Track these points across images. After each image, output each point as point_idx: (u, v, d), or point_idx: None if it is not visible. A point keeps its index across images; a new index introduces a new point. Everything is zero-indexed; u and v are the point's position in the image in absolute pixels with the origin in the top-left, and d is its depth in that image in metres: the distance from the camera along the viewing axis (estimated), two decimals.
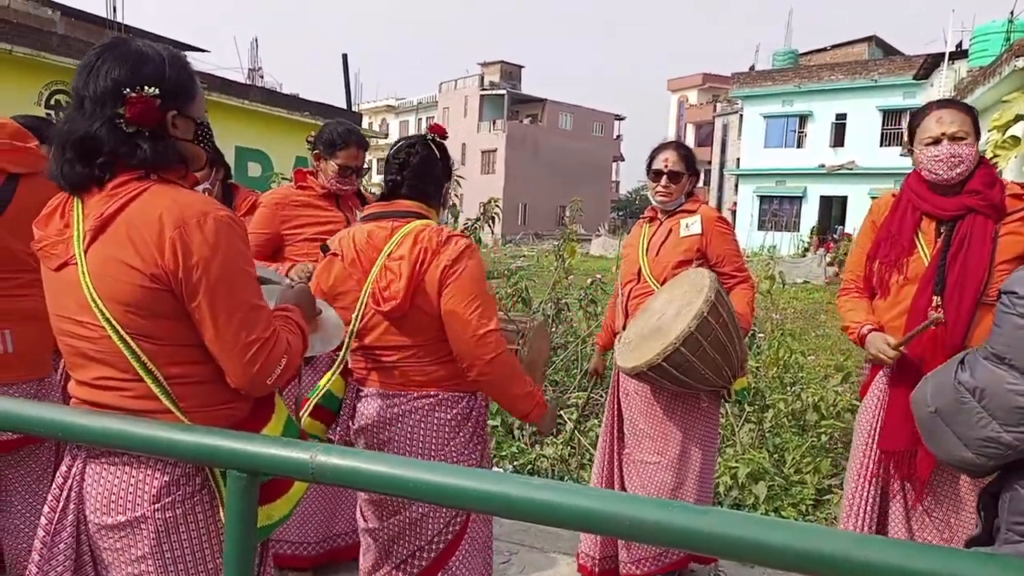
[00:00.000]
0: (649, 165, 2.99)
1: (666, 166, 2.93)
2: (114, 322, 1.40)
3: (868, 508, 2.42)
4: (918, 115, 2.37)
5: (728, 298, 2.64)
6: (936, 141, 2.28)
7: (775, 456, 4.73)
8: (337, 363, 2.14)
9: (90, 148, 1.42)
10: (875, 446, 2.41)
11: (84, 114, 1.42)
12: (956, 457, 1.03)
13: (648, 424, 2.88)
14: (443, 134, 2.23)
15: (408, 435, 2.08)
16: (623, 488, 2.98)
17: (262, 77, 20.05)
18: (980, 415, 1.00)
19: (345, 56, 18.36)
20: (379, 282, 2.00)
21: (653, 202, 3.02)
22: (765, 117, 32.04)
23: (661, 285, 2.86)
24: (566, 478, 4.55)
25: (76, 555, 1.47)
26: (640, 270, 2.95)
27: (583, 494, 1.01)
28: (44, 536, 1.46)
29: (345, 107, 17.82)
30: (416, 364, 2.05)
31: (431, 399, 2.07)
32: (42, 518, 1.48)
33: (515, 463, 4.65)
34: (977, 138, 2.28)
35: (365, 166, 3.10)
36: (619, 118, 55.36)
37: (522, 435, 5.15)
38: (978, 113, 2.53)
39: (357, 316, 2.04)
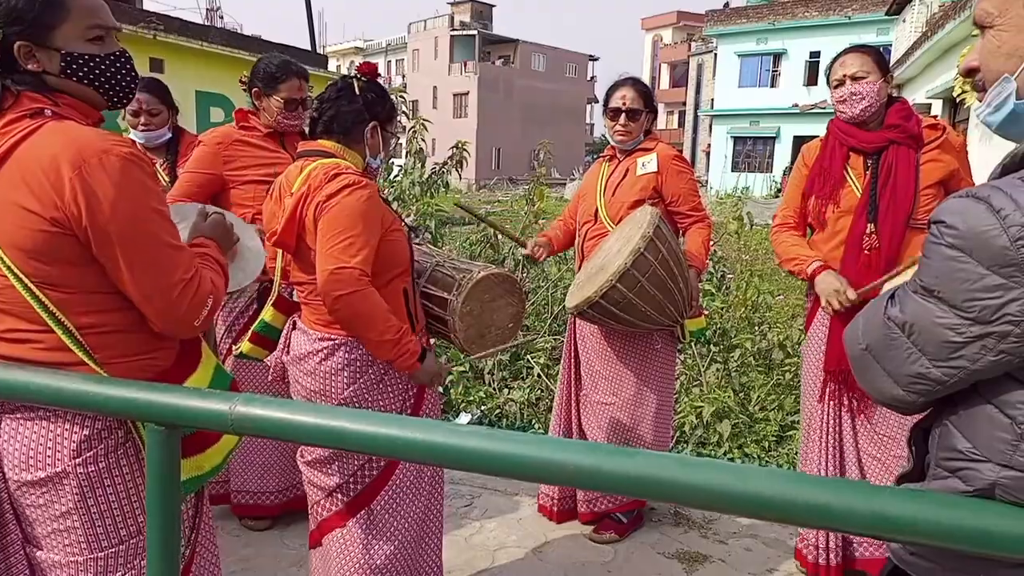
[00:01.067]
0: (606, 103, 2.91)
1: (624, 104, 2.85)
2: (16, 270, 1.32)
3: (826, 427, 2.59)
4: (830, 64, 2.56)
5: (670, 234, 2.60)
6: (840, 83, 2.48)
7: (741, 395, 4.79)
8: (272, 294, 2.21)
9: None
10: (823, 369, 2.57)
11: None
12: (888, 395, 1.02)
13: (603, 365, 2.88)
14: (369, 73, 2.17)
15: (310, 375, 2.11)
16: (581, 430, 2.99)
17: (221, 18, 19.35)
18: (909, 351, 0.98)
19: None
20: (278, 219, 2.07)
21: (611, 141, 2.96)
22: (739, 56, 31.71)
23: (617, 225, 2.82)
24: (534, 422, 4.59)
25: None
26: (597, 210, 2.90)
27: (507, 439, 0.99)
28: None
29: (310, 48, 17.30)
30: (318, 304, 2.06)
31: (329, 343, 2.08)
32: None
33: (483, 407, 4.66)
34: (883, 75, 2.46)
35: (310, 97, 2.98)
36: (593, 59, 54.49)
37: (492, 380, 5.17)
38: (886, 55, 2.77)
39: (280, 253, 2.13)
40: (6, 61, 1.35)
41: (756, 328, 5.79)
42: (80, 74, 1.40)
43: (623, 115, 2.85)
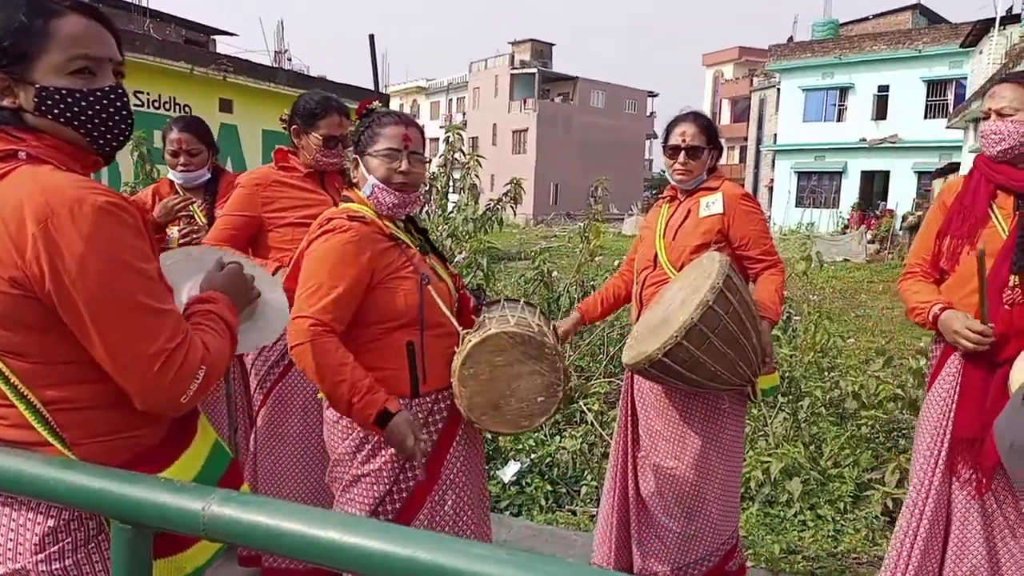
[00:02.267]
0: (665, 140, 2.69)
1: (683, 140, 2.62)
2: None
3: (940, 505, 2.28)
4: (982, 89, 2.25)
5: (742, 284, 2.33)
6: (986, 116, 2.26)
7: (811, 448, 4.43)
8: None
9: None
10: (947, 435, 2.27)
11: None
12: None
13: (664, 425, 2.61)
14: (359, 112, 2.14)
15: (325, 422, 2.08)
16: (638, 494, 2.72)
17: (289, 60, 19.92)
18: None
19: (372, 37, 18.11)
20: None
21: (671, 180, 2.73)
22: (804, 90, 31.06)
23: (679, 271, 2.57)
24: (587, 472, 4.32)
25: None
26: (656, 255, 2.66)
27: (531, 567, 0.77)
28: None
29: (373, 88, 17.64)
30: None
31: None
32: None
33: (532, 455, 4.42)
34: None
35: (350, 135, 2.86)
36: (652, 95, 54.34)
37: (545, 425, 4.93)
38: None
39: None
40: None
41: (826, 375, 5.41)
42: (55, 111, 1.21)
43: (683, 152, 2.62)
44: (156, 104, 12.24)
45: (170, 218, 2.90)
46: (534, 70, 47.40)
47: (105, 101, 1.25)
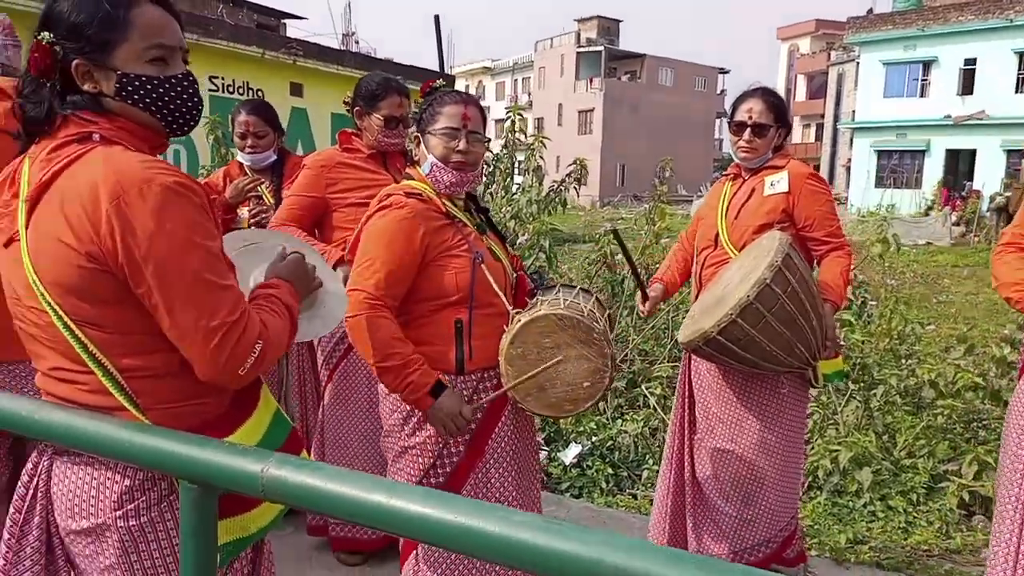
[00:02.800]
0: (731, 116, 2.62)
1: (750, 117, 2.55)
2: (56, 308, 1.22)
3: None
4: None
5: (802, 264, 2.26)
6: None
7: (884, 438, 4.29)
8: None
9: (20, 105, 1.28)
10: None
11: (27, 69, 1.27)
12: None
13: (721, 408, 2.57)
14: (422, 91, 2.19)
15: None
16: (694, 478, 2.68)
17: (357, 43, 20.22)
18: None
19: (437, 18, 18.19)
20: None
21: (735, 158, 2.66)
22: (884, 64, 29.71)
23: (740, 251, 2.51)
24: (648, 457, 4.29)
25: (47, 560, 1.33)
26: (717, 235, 2.60)
27: (569, 535, 0.77)
28: (9, 539, 1.32)
29: (438, 69, 17.72)
30: None
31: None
32: (8, 519, 1.34)
33: (594, 438, 4.41)
34: None
35: (412, 115, 2.89)
36: (723, 71, 52.97)
37: (606, 408, 4.91)
38: None
39: None
40: (64, 80, 1.27)
41: (903, 362, 5.21)
42: (136, 97, 1.29)
43: (748, 130, 2.55)
44: (230, 88, 12.60)
45: (241, 199, 3.00)
46: (600, 48, 46.78)
47: (179, 87, 1.32)
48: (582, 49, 47.37)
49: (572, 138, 44.02)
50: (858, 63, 31.86)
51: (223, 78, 12.45)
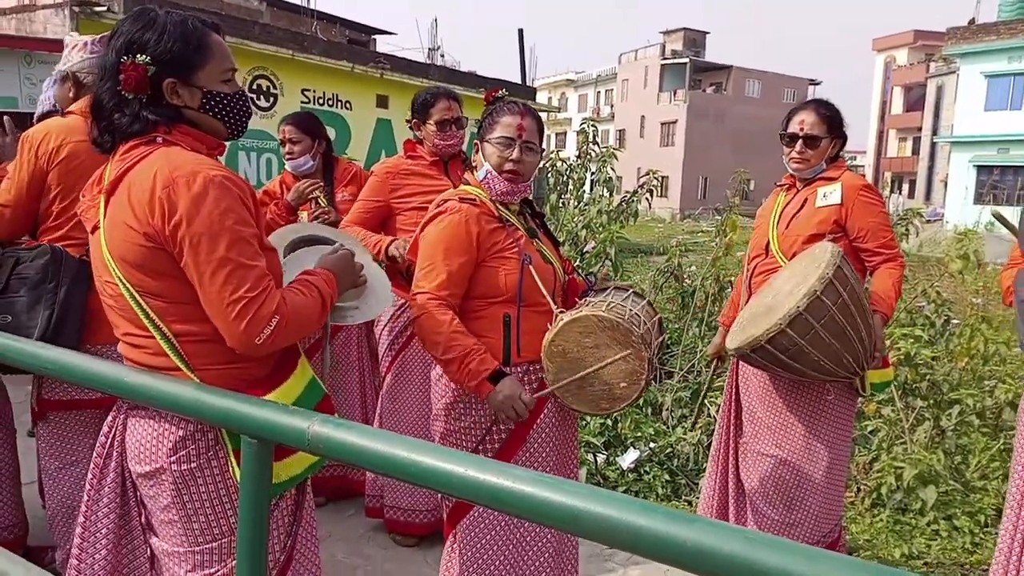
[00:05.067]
0: (784, 128, 2.68)
1: (801, 129, 2.62)
2: (124, 280, 1.47)
3: None
4: None
5: (853, 275, 2.29)
6: None
7: (955, 458, 4.17)
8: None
9: (97, 115, 1.53)
10: None
11: (102, 83, 1.52)
12: None
13: (767, 413, 2.62)
14: (487, 100, 2.31)
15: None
16: (739, 481, 2.74)
17: (442, 56, 20.73)
18: None
19: (521, 31, 18.55)
20: None
21: (788, 169, 2.71)
22: (987, 76, 28.28)
23: (789, 260, 2.56)
24: (705, 465, 4.30)
25: (121, 500, 1.58)
26: (768, 243, 2.66)
27: (569, 490, 0.89)
28: (92, 480, 1.58)
29: (520, 82, 18.03)
30: None
31: None
32: (92, 464, 1.60)
33: (652, 445, 4.47)
34: None
35: (464, 117, 3.08)
36: (814, 83, 51.42)
37: (671, 416, 4.95)
38: None
39: None
40: (153, 94, 1.51)
41: (984, 383, 5.02)
42: (216, 110, 1.57)
43: (800, 141, 2.62)
44: (320, 100, 13.26)
45: (301, 201, 3.24)
46: (685, 60, 46.26)
47: (242, 102, 1.62)
48: (666, 61, 46.95)
49: (654, 150, 43.64)
50: (958, 75, 30.42)
51: (315, 90, 13.11)
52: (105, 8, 10.12)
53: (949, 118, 31.84)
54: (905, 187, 40.85)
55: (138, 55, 1.48)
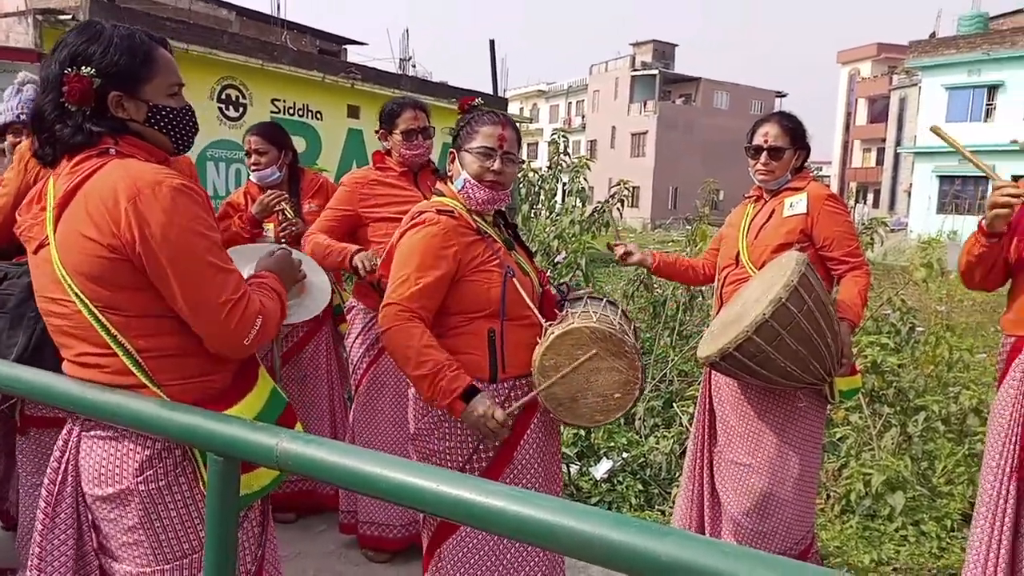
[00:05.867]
0: (749, 140, 2.72)
1: (766, 141, 2.66)
2: (82, 295, 1.43)
3: (1001, 515, 2.23)
4: None
5: (818, 283, 2.32)
6: None
7: (922, 464, 4.24)
8: None
9: (38, 126, 1.50)
10: (1014, 442, 2.22)
11: (44, 94, 1.49)
12: None
13: (739, 422, 2.64)
14: (461, 108, 2.32)
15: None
16: (713, 490, 2.75)
17: (414, 67, 20.71)
18: None
19: (492, 42, 18.62)
20: None
21: (755, 180, 2.75)
22: (948, 89, 29.00)
23: (759, 270, 2.59)
24: (678, 474, 4.32)
25: (77, 524, 1.53)
26: (738, 254, 2.69)
27: (542, 504, 0.89)
28: (46, 507, 1.53)
29: (492, 92, 18.08)
30: None
31: None
32: (43, 490, 1.55)
33: (625, 454, 4.48)
34: None
35: (431, 127, 3.07)
36: (780, 95, 52.30)
37: (643, 426, 4.97)
38: None
39: None
40: (97, 107, 1.50)
41: (949, 389, 5.12)
42: (162, 123, 1.56)
43: (764, 153, 2.67)
44: (291, 111, 13.16)
45: (266, 213, 3.19)
46: (655, 72, 46.81)
47: (188, 116, 1.61)
48: (637, 72, 47.46)
49: (625, 161, 44.02)
50: (920, 87, 31.16)
51: (284, 100, 13.01)
52: (70, 17, 9.96)
53: (912, 129, 32.57)
54: (870, 197, 41.61)
55: (83, 67, 1.46)
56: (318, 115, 13.52)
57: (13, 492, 2.83)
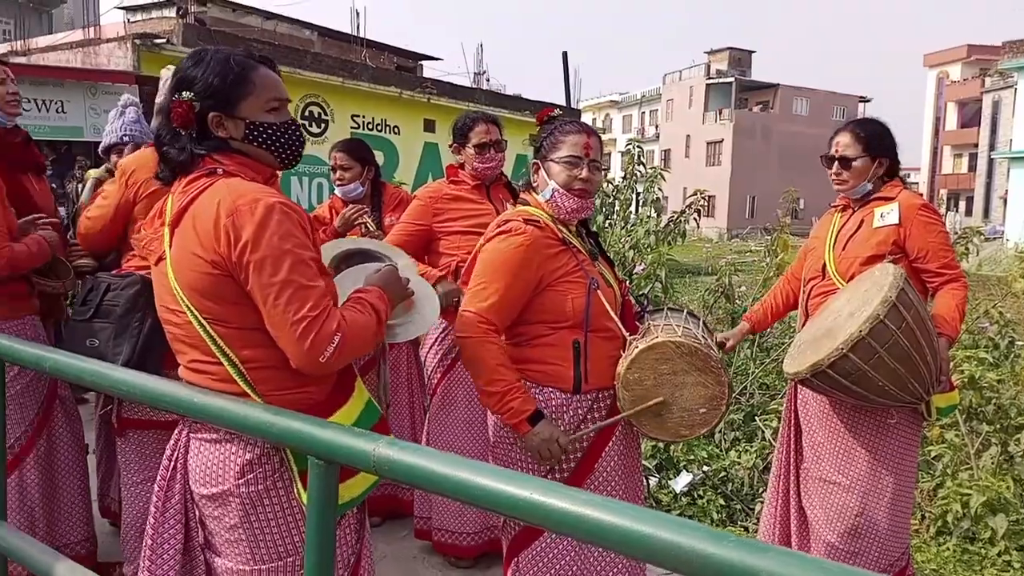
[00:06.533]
0: (828, 149, 2.66)
1: (837, 150, 2.59)
2: (192, 308, 1.52)
3: None
4: None
5: (917, 298, 2.23)
6: None
7: None
8: None
9: (157, 149, 1.62)
10: None
11: (161, 120, 1.64)
12: None
13: (828, 437, 2.54)
14: (539, 120, 2.31)
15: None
16: (800, 508, 2.66)
17: (487, 80, 21.00)
18: None
19: (565, 54, 18.67)
20: None
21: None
22: None
23: (847, 282, 2.50)
24: (761, 489, 4.21)
25: (185, 519, 1.62)
26: (825, 265, 2.60)
27: (637, 515, 0.88)
28: (157, 502, 1.62)
29: (565, 103, 18.12)
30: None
31: None
32: (155, 485, 1.65)
33: (705, 468, 4.39)
34: None
35: (503, 140, 3.09)
36: (864, 100, 50.54)
37: (724, 439, 4.86)
38: None
39: None
40: (200, 128, 1.59)
41: None
42: (260, 139, 1.61)
43: (836, 162, 2.60)
44: (369, 126, 13.53)
45: (348, 227, 3.28)
46: (731, 79, 45.97)
47: (290, 131, 1.65)
48: (712, 80, 46.74)
49: (700, 170, 43.32)
50: (1016, 89, 29.58)
51: (364, 116, 13.39)
52: (165, 40, 10.53)
53: (1007, 133, 30.95)
54: (961, 204, 39.68)
55: (184, 92, 1.56)
56: (396, 129, 13.86)
57: (115, 490, 2.99)
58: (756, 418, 5.01)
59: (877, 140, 2.59)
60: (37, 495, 2.61)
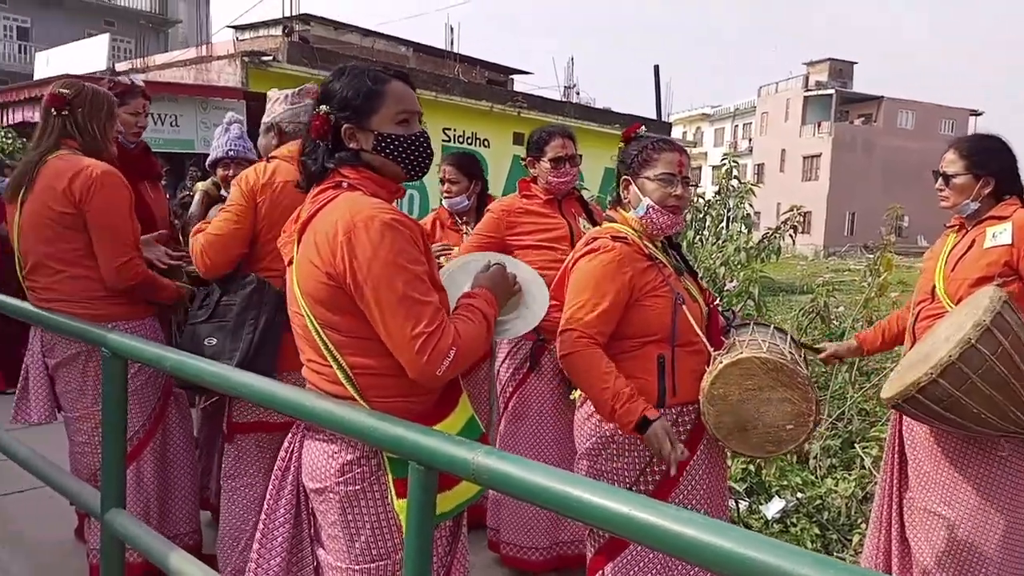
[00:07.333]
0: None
1: (941, 166, 2.52)
2: (309, 313, 1.60)
3: None
4: None
5: (1018, 323, 2.10)
6: None
7: None
8: None
9: (299, 159, 1.71)
10: None
11: (305, 134, 1.71)
12: None
13: (934, 467, 2.42)
14: (625, 137, 2.32)
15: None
16: (902, 535, 2.53)
17: (577, 94, 21.03)
18: None
19: (656, 67, 18.53)
20: None
21: None
22: None
23: (956, 305, 2.38)
24: (860, 520, 4.03)
25: (296, 511, 1.71)
26: (934, 287, 2.49)
27: (738, 537, 0.87)
28: (272, 490, 1.72)
29: (656, 117, 17.97)
30: None
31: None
32: (272, 476, 1.74)
33: (799, 495, 4.23)
34: None
35: (578, 155, 3.09)
36: (975, 113, 47.82)
37: (819, 466, 4.68)
38: None
39: None
40: (335, 140, 1.67)
41: None
42: (388, 151, 1.67)
43: (939, 179, 2.53)
44: (460, 139, 13.81)
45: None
46: (831, 91, 44.43)
47: (419, 142, 1.70)
48: (810, 93, 45.31)
49: (795, 184, 41.97)
50: None
51: (455, 129, 13.68)
52: (271, 58, 11.08)
53: None
54: None
55: (322, 106, 1.66)
56: (485, 142, 14.08)
57: (214, 481, 3.14)
58: (855, 445, 4.81)
59: (984, 157, 2.47)
60: (152, 486, 2.78)
